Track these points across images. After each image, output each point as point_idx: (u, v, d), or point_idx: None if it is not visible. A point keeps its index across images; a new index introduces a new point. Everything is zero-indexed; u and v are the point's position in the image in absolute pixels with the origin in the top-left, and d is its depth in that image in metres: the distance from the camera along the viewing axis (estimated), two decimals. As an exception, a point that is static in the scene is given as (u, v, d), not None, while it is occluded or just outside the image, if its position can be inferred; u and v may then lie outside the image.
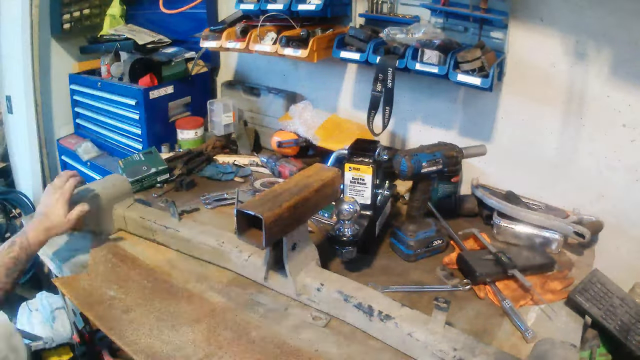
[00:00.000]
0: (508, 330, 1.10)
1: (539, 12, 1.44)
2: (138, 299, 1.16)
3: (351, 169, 1.31)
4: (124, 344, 1.02)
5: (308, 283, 1.15)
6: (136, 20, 2.32)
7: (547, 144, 1.55)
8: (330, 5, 1.65)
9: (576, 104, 1.46)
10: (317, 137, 1.80)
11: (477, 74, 1.39)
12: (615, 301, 1.19)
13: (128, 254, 1.33)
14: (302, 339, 1.05)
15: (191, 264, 1.32)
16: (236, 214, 1.02)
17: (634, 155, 1.41)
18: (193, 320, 1.09)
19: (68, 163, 2.32)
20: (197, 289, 1.22)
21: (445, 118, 1.73)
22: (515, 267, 1.22)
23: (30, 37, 2.11)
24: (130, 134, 2.10)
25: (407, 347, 1.01)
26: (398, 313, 1.03)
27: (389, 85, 1.50)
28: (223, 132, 2.00)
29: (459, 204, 1.59)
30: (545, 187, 1.59)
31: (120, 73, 2.08)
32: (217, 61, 2.31)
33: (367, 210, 1.32)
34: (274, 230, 1.01)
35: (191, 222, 1.39)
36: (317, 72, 1.99)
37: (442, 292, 1.22)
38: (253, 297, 1.18)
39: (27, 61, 2.15)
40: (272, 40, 1.73)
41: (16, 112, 2.28)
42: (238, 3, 1.79)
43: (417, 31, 1.46)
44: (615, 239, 1.47)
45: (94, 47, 2.22)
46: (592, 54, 1.40)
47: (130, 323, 1.08)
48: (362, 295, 1.08)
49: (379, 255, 1.37)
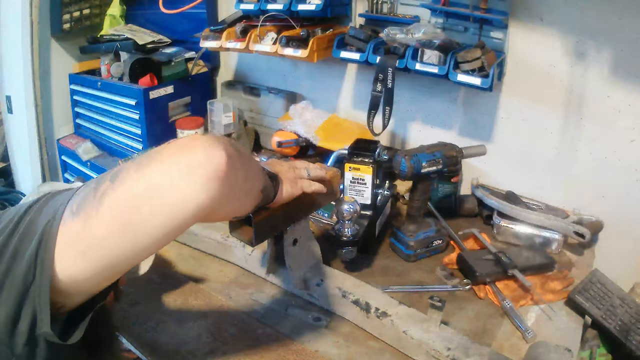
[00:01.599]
0: (508, 330, 1.10)
1: (539, 12, 1.44)
2: (145, 293, 1.17)
3: (351, 169, 1.31)
4: (129, 337, 1.03)
5: (308, 278, 1.15)
6: (136, 20, 2.32)
7: (547, 144, 1.55)
8: (330, 5, 1.65)
9: (576, 104, 1.46)
10: (317, 137, 1.80)
11: (477, 74, 1.39)
12: (615, 301, 1.19)
13: None
14: (302, 339, 1.05)
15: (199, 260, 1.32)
16: None
17: (634, 155, 1.41)
18: (199, 315, 1.10)
19: (68, 163, 2.32)
20: (204, 285, 1.23)
21: (445, 118, 1.73)
22: (515, 267, 1.22)
23: (30, 37, 2.11)
24: (130, 134, 2.10)
25: (403, 345, 1.01)
26: (394, 310, 1.04)
27: (389, 85, 1.50)
28: (223, 132, 2.00)
29: (459, 204, 1.59)
30: (545, 187, 1.59)
31: (120, 73, 2.08)
32: (217, 61, 2.31)
33: (367, 210, 1.32)
34: (264, 228, 1.00)
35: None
36: (317, 72, 1.99)
37: (442, 292, 1.22)
38: (253, 297, 1.19)
39: (27, 61, 2.14)
40: (272, 40, 1.73)
41: (16, 112, 2.28)
42: (238, 3, 1.79)
43: (417, 31, 1.46)
44: (615, 239, 1.47)
45: (94, 47, 2.22)
46: (592, 54, 1.40)
47: (136, 317, 1.09)
48: (360, 292, 1.09)
49: (379, 255, 1.37)
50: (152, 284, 1.21)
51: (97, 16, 2.31)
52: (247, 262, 1.26)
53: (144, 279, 1.21)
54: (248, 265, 1.27)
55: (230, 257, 1.30)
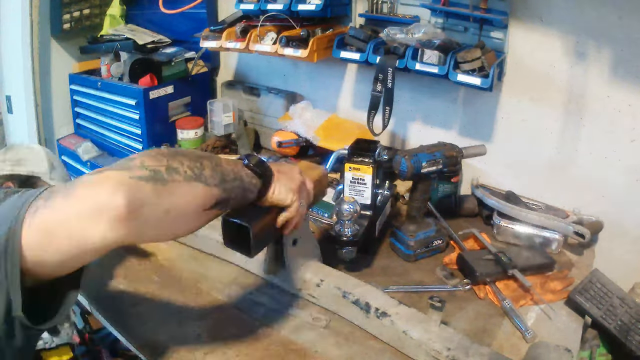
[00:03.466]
0: (508, 330, 1.10)
1: (539, 11, 1.44)
2: (146, 294, 1.17)
3: (351, 169, 1.31)
4: (130, 337, 1.03)
5: (308, 278, 1.15)
6: (136, 20, 2.32)
7: (547, 144, 1.55)
8: (330, 5, 1.65)
9: (576, 104, 1.46)
10: (317, 137, 1.80)
11: (477, 74, 1.39)
12: (615, 301, 1.19)
13: (139, 248, 1.34)
14: (302, 339, 1.05)
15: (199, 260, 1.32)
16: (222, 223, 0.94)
17: (634, 155, 1.41)
18: (200, 316, 1.10)
19: (68, 163, 2.32)
20: (204, 285, 1.23)
21: (445, 118, 1.73)
22: (515, 267, 1.22)
23: (30, 37, 2.11)
24: (130, 134, 2.10)
25: (402, 345, 1.01)
26: (394, 310, 1.03)
27: (389, 85, 1.50)
28: (223, 132, 2.00)
29: (459, 204, 1.59)
30: (545, 187, 1.59)
31: (120, 73, 2.08)
32: (217, 61, 2.31)
33: (367, 210, 1.32)
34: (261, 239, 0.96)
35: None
36: (317, 72, 1.99)
37: (442, 292, 1.22)
38: (253, 297, 1.19)
39: (27, 61, 2.14)
40: (272, 40, 1.73)
41: (16, 112, 2.28)
42: (238, 3, 1.79)
43: (417, 31, 1.46)
44: (615, 239, 1.47)
45: (94, 47, 2.22)
46: (592, 54, 1.40)
47: (137, 317, 1.09)
48: (360, 292, 1.09)
49: (379, 255, 1.37)
50: (152, 284, 1.21)
51: (97, 16, 2.31)
52: (247, 262, 1.26)
53: (144, 279, 1.22)
54: (248, 265, 1.26)
55: (230, 257, 1.30)
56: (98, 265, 1.24)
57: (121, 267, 1.27)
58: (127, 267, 1.27)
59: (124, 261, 1.29)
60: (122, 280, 1.21)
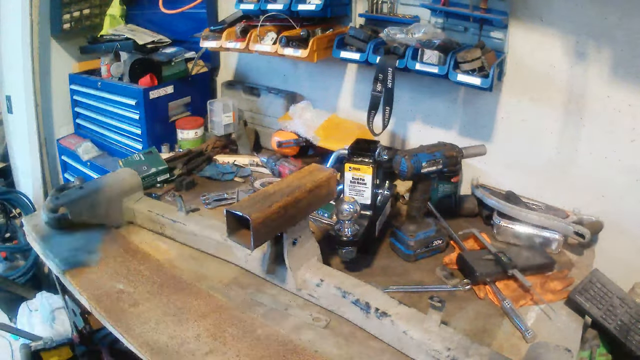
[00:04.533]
0: (508, 330, 1.10)
1: (539, 11, 1.44)
2: (146, 293, 1.17)
3: (351, 169, 1.31)
4: (130, 337, 1.03)
5: (308, 278, 1.15)
6: (136, 20, 2.32)
7: (547, 144, 1.55)
8: (330, 5, 1.65)
9: (576, 104, 1.46)
10: (317, 137, 1.80)
11: (477, 74, 1.39)
12: (615, 301, 1.19)
13: (139, 249, 1.35)
14: (302, 339, 1.05)
15: (199, 260, 1.33)
16: (226, 215, 1.02)
17: (634, 155, 1.41)
18: (199, 315, 1.10)
19: (68, 163, 2.32)
20: (204, 285, 1.23)
21: (445, 118, 1.73)
22: (515, 267, 1.22)
23: (30, 37, 2.11)
24: (130, 134, 2.10)
25: (403, 345, 1.01)
26: (395, 311, 1.03)
27: (389, 85, 1.50)
28: (223, 132, 2.00)
29: (459, 204, 1.59)
30: (545, 187, 1.59)
31: (120, 73, 2.08)
32: (217, 61, 2.31)
33: (367, 210, 1.32)
34: (262, 232, 1.00)
35: (197, 217, 1.41)
36: (317, 72, 1.99)
37: (442, 292, 1.22)
38: (253, 297, 1.19)
39: (27, 61, 2.15)
40: (272, 40, 1.73)
41: (16, 112, 2.28)
42: (238, 3, 1.79)
43: (417, 31, 1.46)
44: (615, 239, 1.47)
45: (94, 47, 2.22)
46: (592, 54, 1.40)
47: (137, 317, 1.09)
48: (360, 292, 1.09)
49: (379, 255, 1.37)
50: (152, 284, 1.21)
51: (97, 16, 2.32)
52: (247, 262, 1.26)
53: (144, 279, 1.22)
54: (248, 265, 1.27)
55: (230, 257, 1.30)
56: (98, 265, 1.25)
57: (121, 267, 1.26)
58: (127, 267, 1.26)
59: (124, 261, 1.28)
60: (122, 279, 1.21)
